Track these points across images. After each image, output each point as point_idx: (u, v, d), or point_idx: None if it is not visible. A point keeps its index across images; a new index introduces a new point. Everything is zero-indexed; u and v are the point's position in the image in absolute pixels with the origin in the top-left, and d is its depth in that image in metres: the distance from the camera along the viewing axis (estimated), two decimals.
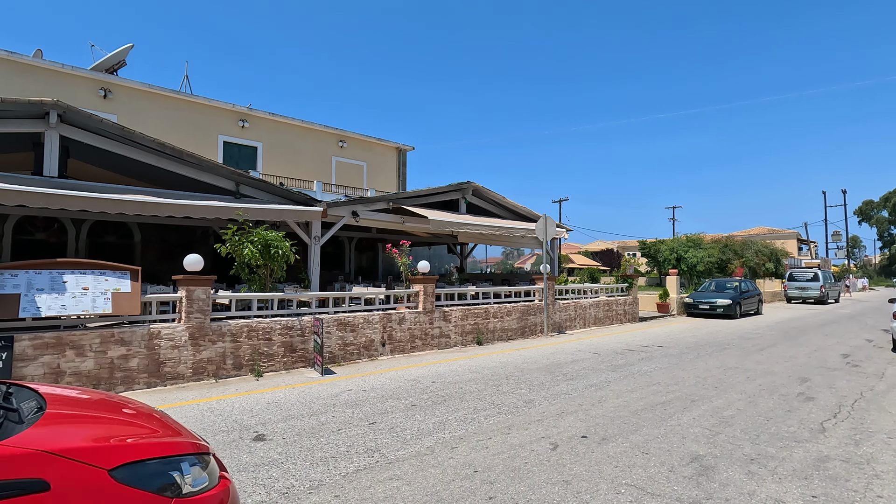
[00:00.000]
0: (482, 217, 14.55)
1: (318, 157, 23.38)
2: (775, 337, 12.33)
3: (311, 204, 10.98)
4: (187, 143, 19.02)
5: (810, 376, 7.49)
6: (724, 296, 17.91)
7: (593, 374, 7.53)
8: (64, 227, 16.23)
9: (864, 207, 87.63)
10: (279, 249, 7.84)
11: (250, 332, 7.35)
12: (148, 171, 9.79)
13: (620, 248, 73.51)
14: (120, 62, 20.19)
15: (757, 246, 31.82)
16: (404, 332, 9.41)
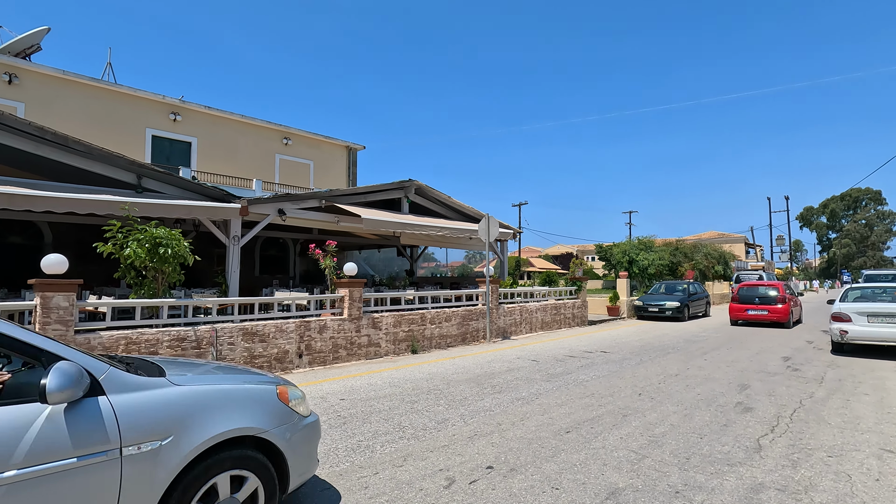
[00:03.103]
0: (425, 217, 13.81)
1: (261, 154, 22.08)
2: (720, 339, 12.12)
3: (229, 200, 9.95)
4: (109, 137, 17.44)
5: (750, 382, 7.09)
6: (672, 298, 17.85)
7: (525, 386, 6.87)
8: None
9: (805, 213, 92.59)
10: (168, 249, 6.80)
11: (129, 346, 6.29)
12: (28, 161, 8.53)
13: (580, 251, 74.59)
14: (34, 46, 18.37)
15: (706, 249, 32.50)
16: (325, 342, 8.51)
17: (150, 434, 2.30)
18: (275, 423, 2.82)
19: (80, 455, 2.07)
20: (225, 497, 2.56)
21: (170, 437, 2.35)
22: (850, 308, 9.64)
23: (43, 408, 2.06)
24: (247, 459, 2.65)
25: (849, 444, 4.46)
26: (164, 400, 2.42)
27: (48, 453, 2.00)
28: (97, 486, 2.12)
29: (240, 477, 2.63)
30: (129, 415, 2.26)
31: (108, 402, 2.24)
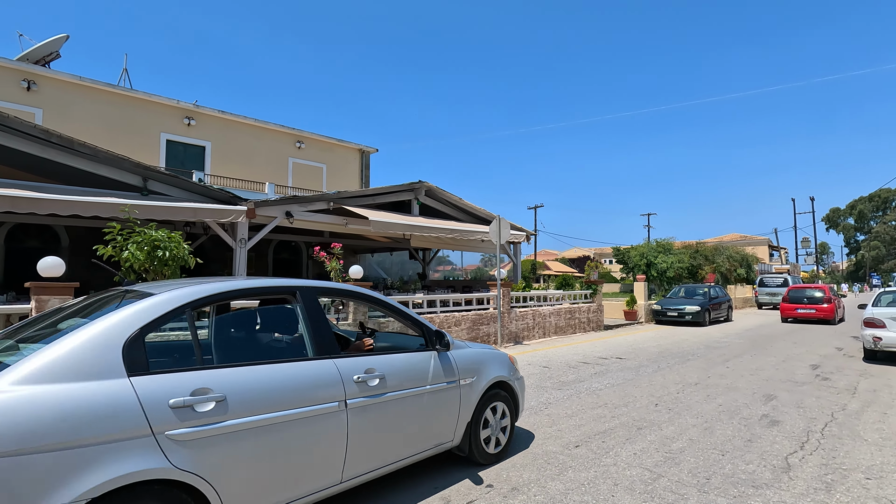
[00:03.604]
0: (435, 219, 13.57)
1: (274, 158, 22.14)
2: (743, 346, 11.59)
3: (235, 203, 9.84)
4: (125, 141, 17.64)
5: (776, 393, 6.64)
6: (692, 302, 17.26)
7: (534, 394, 6.55)
8: None
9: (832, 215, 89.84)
10: (167, 251, 6.66)
11: None
12: (34, 163, 8.53)
13: (597, 254, 73.62)
14: (53, 54, 18.71)
15: (728, 252, 31.60)
16: None
17: (469, 374, 3.93)
18: (511, 374, 4.42)
19: (446, 381, 3.70)
20: (493, 417, 4.15)
21: (475, 377, 3.98)
22: (883, 313, 9.06)
23: (429, 355, 3.69)
24: (501, 395, 4.27)
25: (889, 465, 4.05)
26: (470, 355, 4.05)
27: (436, 377, 3.63)
28: (452, 398, 3.74)
29: (496, 406, 4.20)
30: (460, 363, 3.89)
31: (452, 355, 3.87)
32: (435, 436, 3.60)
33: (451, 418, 3.71)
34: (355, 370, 3.10)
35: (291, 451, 2.67)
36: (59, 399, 2.03)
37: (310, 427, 2.76)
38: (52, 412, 1.99)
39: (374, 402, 3.12)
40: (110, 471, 2.04)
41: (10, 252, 15.22)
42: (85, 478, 1.98)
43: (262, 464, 2.54)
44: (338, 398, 2.92)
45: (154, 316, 2.46)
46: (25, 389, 1.99)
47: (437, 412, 3.59)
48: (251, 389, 2.57)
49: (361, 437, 3.02)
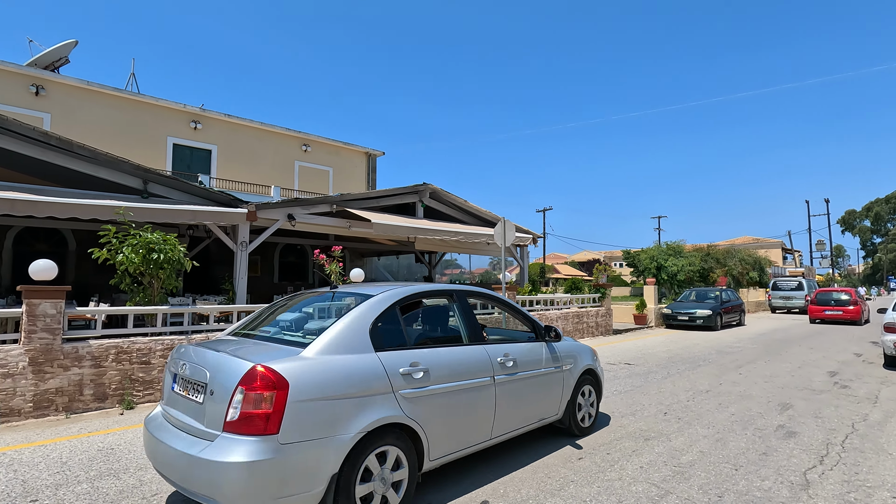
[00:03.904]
0: (440, 222, 13.38)
1: (280, 161, 22.13)
2: (756, 351, 11.23)
3: (236, 205, 9.74)
4: (132, 145, 17.70)
5: (793, 401, 6.34)
6: (704, 306, 16.87)
7: None
8: None
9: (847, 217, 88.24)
10: (161, 254, 6.55)
11: (120, 355, 6.03)
12: (33, 166, 8.48)
13: (607, 257, 72.91)
14: (62, 59, 18.87)
15: (741, 254, 31.03)
16: None
17: (568, 361, 4.75)
18: (596, 363, 5.28)
19: (554, 366, 4.53)
20: (584, 398, 4.98)
21: (573, 364, 4.81)
22: None
23: (541, 345, 4.54)
24: (590, 380, 5.11)
25: None
26: (568, 347, 4.88)
27: (545, 362, 4.45)
28: (558, 380, 4.56)
29: (586, 389, 5.04)
30: (562, 352, 4.71)
31: (556, 346, 4.69)
32: (546, 410, 4.52)
33: (556, 396, 4.62)
34: (498, 354, 4.01)
35: (463, 411, 3.60)
36: (342, 364, 3.00)
37: (474, 394, 3.69)
38: (340, 372, 2.95)
39: (511, 379, 4.05)
40: (373, 415, 2.97)
41: (18, 255, 15.29)
42: (362, 418, 2.92)
43: (449, 418, 3.48)
44: (489, 374, 3.85)
45: (382, 309, 3.42)
46: (323, 357, 2.97)
47: (548, 391, 4.50)
48: (441, 364, 3.52)
49: (503, 404, 3.93)
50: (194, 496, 2.73)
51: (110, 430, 5.06)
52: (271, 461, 2.58)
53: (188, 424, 2.91)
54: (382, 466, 3.02)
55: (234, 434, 2.64)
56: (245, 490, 2.56)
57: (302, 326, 3.70)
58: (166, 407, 3.26)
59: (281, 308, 4.06)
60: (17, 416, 5.35)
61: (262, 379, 2.68)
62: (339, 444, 2.80)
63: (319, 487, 2.73)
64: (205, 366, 2.99)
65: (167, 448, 2.88)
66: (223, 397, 2.74)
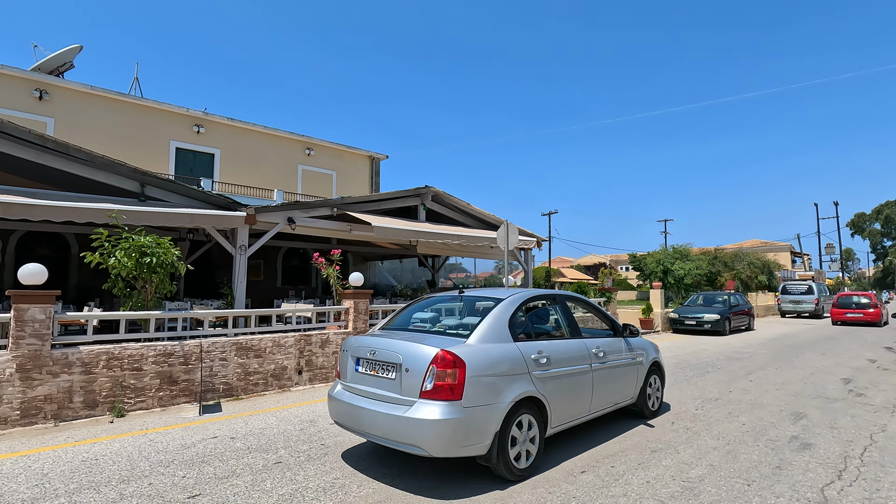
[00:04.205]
0: (442, 225, 13.21)
1: (283, 165, 22.07)
2: (767, 357, 10.94)
3: (235, 209, 9.61)
4: (135, 149, 17.70)
5: (806, 410, 6.09)
6: (712, 310, 16.56)
7: None
8: None
9: (857, 220, 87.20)
10: (153, 258, 6.41)
11: (111, 361, 5.89)
12: (30, 169, 8.40)
13: (613, 261, 72.39)
14: (66, 64, 18.92)
15: (749, 258, 30.60)
16: (328, 357, 7.96)
17: (640, 354, 5.64)
18: (659, 356, 6.12)
19: (631, 357, 5.43)
20: (651, 386, 5.82)
21: (643, 356, 5.69)
22: None
23: (621, 340, 5.44)
24: (655, 371, 5.96)
25: None
26: (639, 342, 5.74)
27: (625, 354, 5.35)
28: (633, 370, 5.42)
29: (653, 378, 5.90)
30: (635, 346, 5.60)
31: (630, 341, 5.57)
32: (626, 394, 5.40)
33: (633, 383, 5.50)
34: (592, 346, 4.92)
35: (572, 390, 4.52)
36: (495, 350, 3.94)
37: (578, 377, 4.62)
38: (495, 356, 3.89)
39: (602, 367, 4.96)
40: (519, 389, 3.91)
41: (21, 260, 15.25)
42: (512, 390, 3.86)
43: (563, 395, 4.38)
44: (588, 362, 4.78)
45: (513, 309, 4.38)
46: (482, 345, 3.92)
47: (627, 378, 5.39)
48: (557, 353, 4.45)
49: (597, 387, 4.85)
50: (399, 446, 3.68)
51: (97, 440, 4.90)
52: (458, 419, 3.55)
53: (384, 394, 3.86)
54: (523, 428, 3.96)
55: (429, 400, 3.60)
56: (440, 440, 3.53)
57: (461, 320, 4.71)
58: (351, 384, 4.21)
59: (418, 308, 5.13)
60: (4, 425, 5.21)
61: (448, 360, 3.64)
62: (499, 409, 3.77)
63: (487, 441, 3.70)
64: (396, 351, 3.91)
65: (370, 412, 3.83)
66: (418, 373, 3.69)
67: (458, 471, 4.04)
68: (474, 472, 4.02)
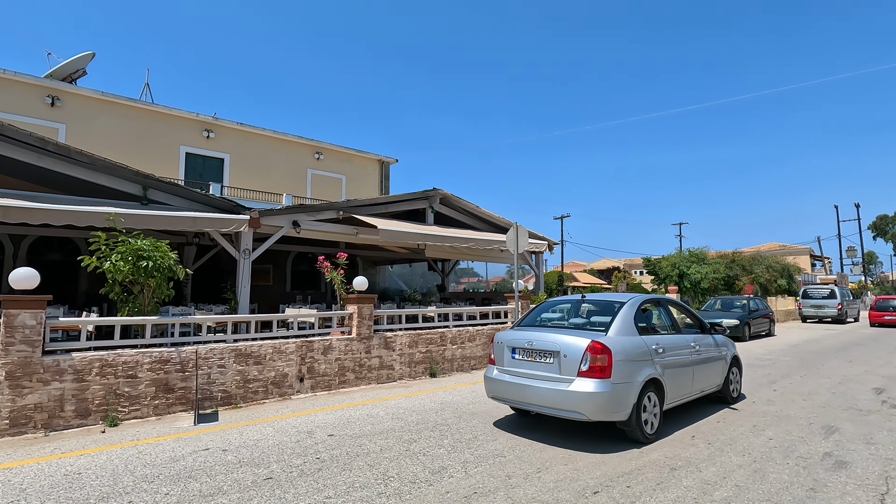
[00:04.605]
0: (449, 228, 12.93)
1: (293, 169, 22.02)
2: (790, 364, 10.44)
3: (238, 212, 9.45)
4: (145, 155, 17.75)
5: (838, 424, 5.67)
6: (730, 315, 16.01)
7: (554, 424, 5.76)
8: (1, 244, 14.90)
9: (879, 222, 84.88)
10: (150, 262, 6.23)
11: (104, 368, 5.70)
12: (32, 173, 8.33)
13: (627, 265, 71.38)
14: (79, 71, 19.10)
15: (767, 261, 29.78)
16: (330, 364, 7.71)
17: (724, 349, 6.65)
18: (736, 351, 7.04)
19: (717, 351, 6.45)
20: (733, 376, 6.84)
21: (726, 351, 6.67)
22: None
23: (709, 336, 6.48)
24: (735, 364, 6.96)
25: None
26: (722, 339, 6.72)
27: (713, 348, 6.39)
28: (719, 362, 6.45)
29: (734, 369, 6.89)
30: (720, 342, 6.63)
31: (716, 338, 6.61)
32: (714, 382, 6.40)
33: (719, 373, 6.51)
34: (690, 340, 6.01)
35: (680, 375, 5.58)
36: (628, 341, 5.04)
37: (684, 365, 5.68)
38: (629, 346, 5.00)
39: (699, 357, 6.01)
40: (647, 372, 5.02)
41: (32, 265, 15.27)
42: (643, 372, 4.96)
43: (674, 378, 5.44)
44: (689, 353, 5.86)
45: (635, 309, 5.47)
46: (618, 337, 4.99)
47: (715, 368, 6.39)
48: (668, 344, 5.56)
49: (696, 373, 5.91)
50: (561, 413, 4.85)
51: (85, 451, 4.70)
52: (608, 392, 4.67)
53: (545, 375, 4.98)
54: (651, 402, 5.07)
55: (586, 377, 4.73)
56: (596, 408, 4.67)
57: (588, 319, 5.93)
58: (510, 368, 5.36)
59: (543, 309, 6.36)
60: None
61: (597, 348, 4.77)
62: (636, 385, 4.88)
63: (628, 410, 4.80)
64: (553, 342, 5.03)
65: (535, 388, 4.99)
66: (574, 358, 4.83)
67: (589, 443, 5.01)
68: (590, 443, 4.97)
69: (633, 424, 4.82)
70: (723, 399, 6.71)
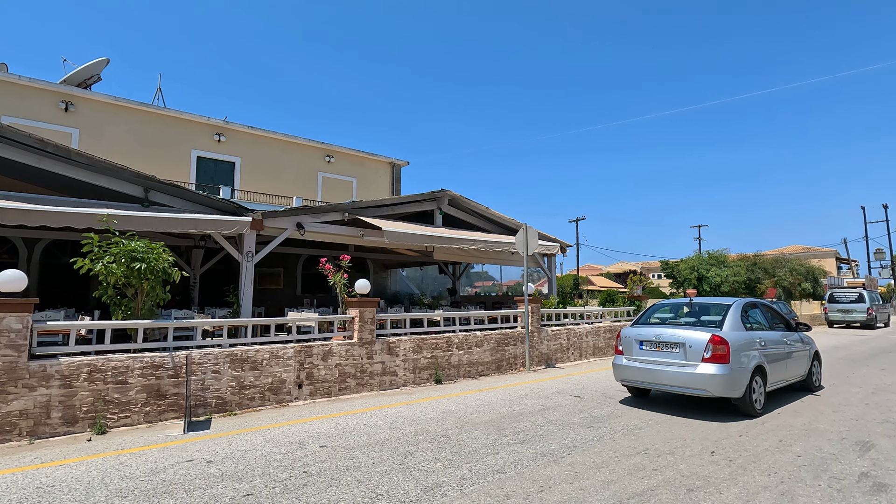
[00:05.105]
0: (458, 230, 12.63)
1: (304, 172, 21.97)
2: None
3: (240, 213, 9.28)
4: (157, 159, 17.84)
5: (874, 439, 5.19)
6: None
7: (558, 434, 5.40)
8: (15, 248, 15.05)
9: None
10: (143, 264, 6.05)
11: (93, 374, 5.52)
12: (32, 174, 8.27)
13: (644, 268, 70.11)
14: (94, 76, 19.34)
15: (791, 264, 28.78)
16: (330, 370, 7.45)
17: (808, 345, 7.95)
18: (817, 347, 8.21)
19: (803, 346, 7.75)
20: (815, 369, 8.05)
21: (809, 346, 7.95)
22: None
23: (795, 333, 7.70)
24: (816, 358, 8.11)
25: None
26: (806, 336, 8.01)
27: (799, 343, 7.63)
28: (804, 355, 7.71)
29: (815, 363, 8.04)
30: (804, 338, 7.92)
31: (800, 334, 7.85)
32: (801, 372, 7.56)
33: (804, 364, 7.64)
34: (783, 336, 7.22)
35: (777, 364, 6.80)
36: (739, 335, 6.34)
37: (780, 356, 6.92)
38: (740, 338, 6.32)
39: (789, 350, 7.22)
40: (755, 360, 6.32)
41: (45, 268, 15.47)
42: (752, 360, 6.27)
43: (773, 366, 6.64)
44: (783, 346, 7.09)
45: (740, 309, 6.74)
46: (731, 332, 6.29)
47: (801, 360, 7.52)
48: (767, 338, 6.78)
49: (788, 364, 7.11)
50: (689, 391, 6.17)
51: (65, 461, 4.49)
52: (728, 374, 5.93)
53: (673, 361, 6.30)
54: (758, 384, 6.32)
55: (709, 363, 6.00)
56: (719, 386, 5.94)
57: (698, 317, 7.00)
58: (638, 357, 6.70)
59: (655, 311, 7.64)
60: None
61: (717, 340, 6.04)
62: (748, 370, 6.13)
63: (742, 389, 6.04)
64: (679, 336, 6.36)
65: (665, 371, 6.31)
66: (698, 348, 6.11)
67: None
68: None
69: (746, 401, 6.11)
70: (806, 388, 7.85)
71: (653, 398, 7.35)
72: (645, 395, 7.35)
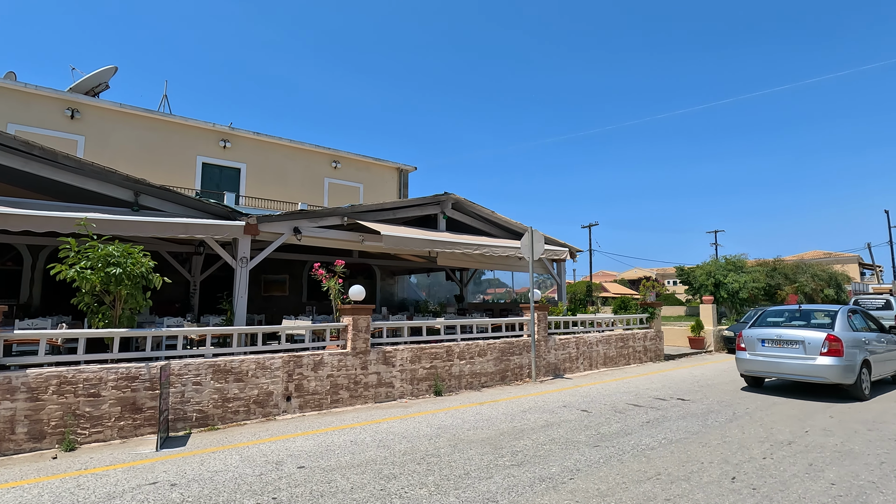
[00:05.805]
0: (462, 234, 12.20)
1: (310, 178, 21.77)
2: None
3: (234, 218, 8.98)
4: (162, 165, 17.77)
5: None
6: None
7: (560, 454, 4.91)
8: (20, 255, 14.99)
9: None
10: (118, 269, 5.73)
11: (62, 386, 5.19)
12: (18, 178, 8.05)
13: (660, 275, 68.82)
14: (101, 84, 19.41)
15: (812, 270, 27.75)
16: (321, 381, 7.04)
17: None
18: None
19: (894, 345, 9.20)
20: None
21: None
22: None
23: (889, 334, 9.16)
24: None
25: None
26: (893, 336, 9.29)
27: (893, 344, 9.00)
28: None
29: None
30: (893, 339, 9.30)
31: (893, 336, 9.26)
32: (890, 368, 8.83)
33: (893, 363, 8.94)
34: (881, 337, 8.66)
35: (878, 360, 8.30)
36: (848, 334, 7.91)
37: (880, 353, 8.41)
38: (850, 337, 7.88)
39: (886, 348, 8.62)
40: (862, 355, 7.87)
41: (50, 275, 15.36)
42: (859, 355, 7.82)
43: (875, 360, 8.21)
44: (883, 344, 8.58)
45: (846, 314, 8.31)
46: (841, 332, 7.85)
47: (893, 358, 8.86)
48: (869, 338, 8.29)
49: (886, 360, 8.60)
50: (810, 379, 7.72)
51: (20, 483, 4.14)
52: (842, 365, 7.46)
53: (794, 355, 7.82)
54: (865, 374, 7.75)
55: (827, 357, 7.54)
56: (835, 374, 7.48)
57: (807, 321, 8.50)
58: (761, 352, 8.25)
59: (768, 315, 9.07)
60: None
61: (832, 339, 7.56)
62: (858, 362, 7.61)
63: (854, 377, 7.53)
64: (797, 335, 7.90)
65: (788, 363, 7.85)
66: (816, 345, 7.64)
67: None
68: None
69: (857, 387, 7.55)
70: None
71: (665, 414, 6.80)
72: (760, 385, 8.89)
